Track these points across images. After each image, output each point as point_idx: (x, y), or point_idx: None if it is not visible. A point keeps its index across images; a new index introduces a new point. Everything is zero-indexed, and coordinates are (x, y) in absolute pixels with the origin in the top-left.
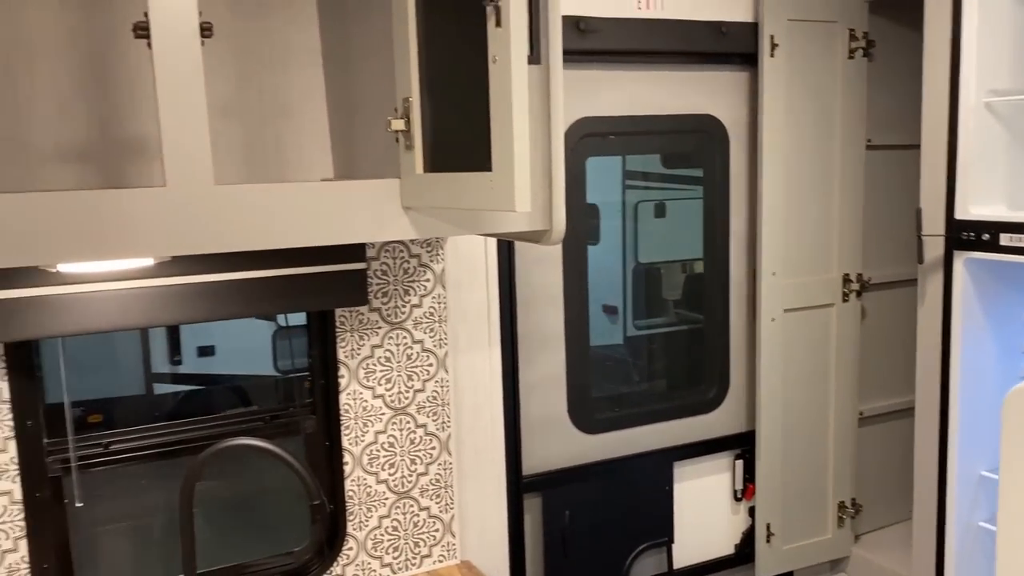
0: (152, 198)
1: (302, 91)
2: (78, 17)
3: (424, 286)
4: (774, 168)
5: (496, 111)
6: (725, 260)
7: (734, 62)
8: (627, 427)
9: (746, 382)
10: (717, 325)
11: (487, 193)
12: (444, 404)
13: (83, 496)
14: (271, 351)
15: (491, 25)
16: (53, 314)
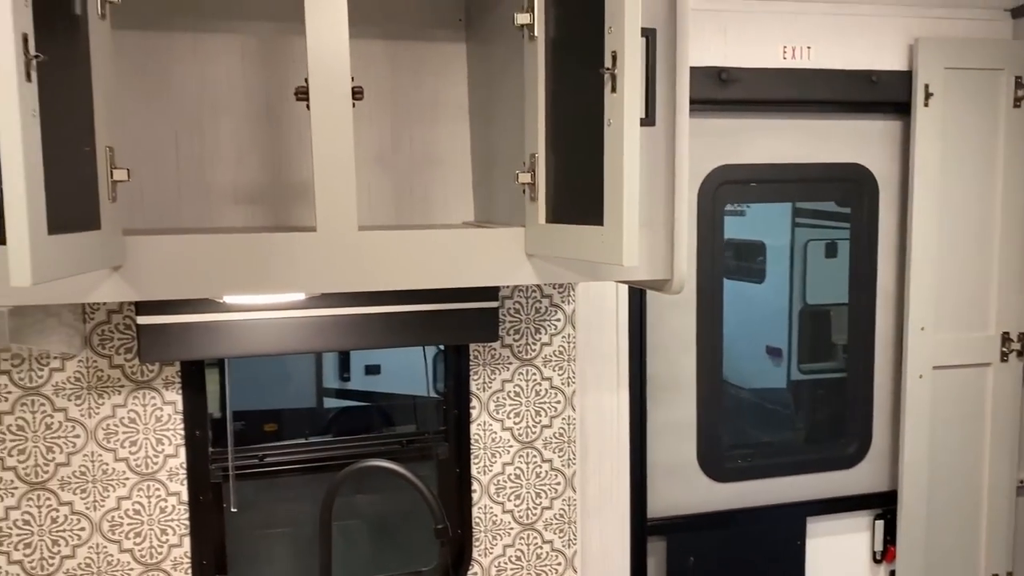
0: (305, 241)
1: (449, 142)
2: (256, 77)
3: (555, 325)
4: (926, 219)
5: (609, 170)
6: (871, 310)
7: (885, 111)
8: (760, 477)
9: (890, 439)
10: (861, 377)
11: (599, 246)
12: (570, 441)
13: (238, 502)
14: (431, 373)
15: (607, 91)
16: (220, 338)
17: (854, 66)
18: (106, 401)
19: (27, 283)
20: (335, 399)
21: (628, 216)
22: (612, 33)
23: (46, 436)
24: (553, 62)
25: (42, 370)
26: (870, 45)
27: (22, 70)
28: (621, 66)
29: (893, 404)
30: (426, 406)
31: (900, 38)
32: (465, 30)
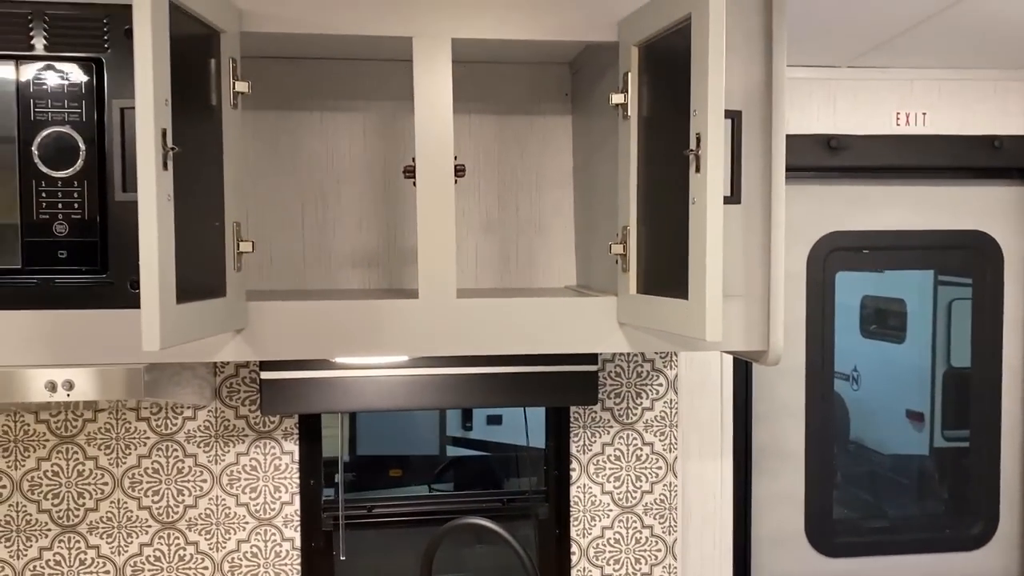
0: (408, 308)
1: (552, 208)
2: (375, 150)
3: (656, 390)
4: None
5: (693, 247)
6: (997, 380)
7: (1011, 176)
8: (873, 554)
9: (1018, 520)
10: (985, 452)
11: (684, 319)
12: (672, 508)
13: (347, 550)
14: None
15: (692, 171)
16: (334, 394)
17: (974, 131)
18: (231, 449)
19: (156, 348)
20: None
21: (711, 292)
22: (696, 116)
23: (177, 480)
24: (644, 140)
25: (176, 418)
26: (993, 109)
27: (160, 161)
28: (704, 148)
29: (1021, 481)
30: (536, 459)
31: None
32: (571, 103)
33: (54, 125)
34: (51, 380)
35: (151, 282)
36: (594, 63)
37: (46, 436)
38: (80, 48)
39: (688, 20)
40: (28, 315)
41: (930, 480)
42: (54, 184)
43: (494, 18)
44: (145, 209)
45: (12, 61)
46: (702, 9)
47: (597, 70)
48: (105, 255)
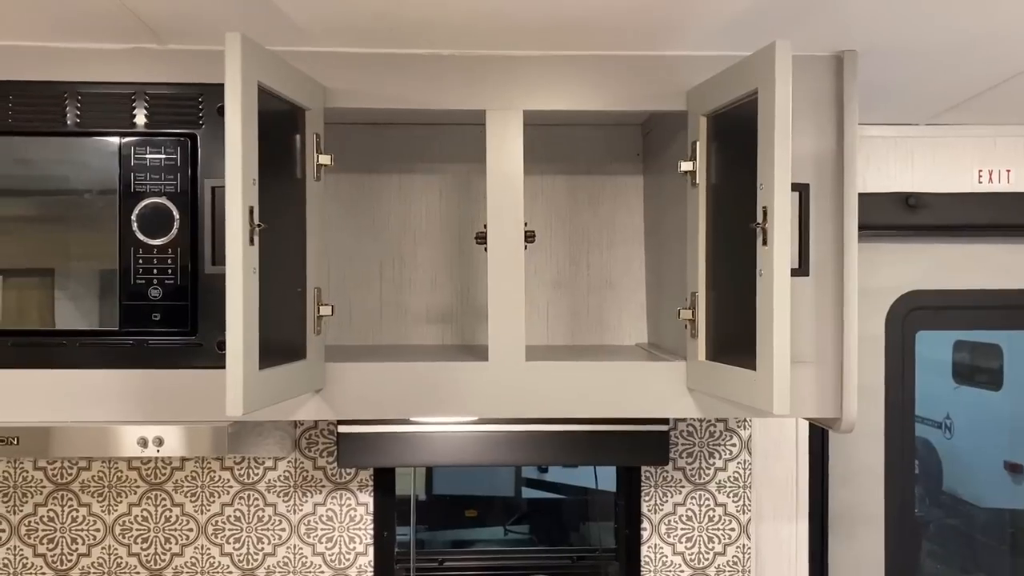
0: (478, 371)
1: (623, 266)
2: (450, 211)
3: (729, 450)
4: None
5: (761, 319)
6: None
7: None
8: None
9: None
10: None
11: (751, 390)
12: (745, 571)
13: None
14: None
15: (759, 243)
16: (408, 448)
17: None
18: (309, 499)
19: (239, 414)
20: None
21: (778, 366)
22: (763, 189)
23: (258, 528)
24: (713, 208)
25: (258, 468)
26: None
27: (247, 237)
28: (771, 222)
29: None
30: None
31: None
32: (643, 163)
33: (152, 196)
34: (143, 436)
35: (236, 351)
36: (664, 126)
37: (137, 483)
38: (177, 124)
39: (755, 94)
40: (123, 374)
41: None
42: (150, 251)
43: (565, 91)
44: (232, 282)
45: (117, 136)
46: (768, 85)
47: (667, 133)
48: (195, 318)
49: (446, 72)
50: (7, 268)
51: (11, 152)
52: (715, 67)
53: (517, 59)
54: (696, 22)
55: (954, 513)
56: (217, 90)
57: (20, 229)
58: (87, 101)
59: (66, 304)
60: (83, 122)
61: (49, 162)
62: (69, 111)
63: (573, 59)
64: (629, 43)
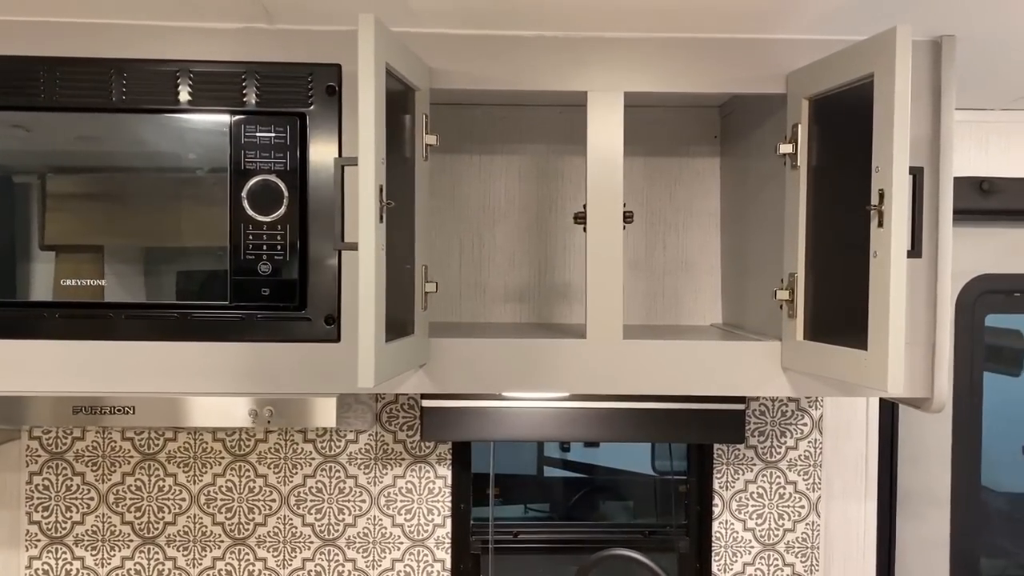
0: (576, 348)
1: (699, 248)
2: (529, 191)
3: (801, 430)
4: None
5: (875, 300)
6: None
7: None
8: None
9: None
10: None
11: (861, 369)
12: (814, 548)
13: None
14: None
15: (873, 225)
16: (489, 423)
17: None
18: (388, 472)
19: (371, 385)
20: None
21: (893, 346)
22: (879, 172)
23: (339, 499)
24: (814, 190)
25: (340, 441)
26: None
27: (377, 215)
28: (889, 204)
29: None
30: (647, 486)
31: None
32: (720, 145)
33: (261, 173)
34: (254, 408)
35: (368, 324)
36: (746, 108)
37: (222, 454)
38: (286, 104)
39: (870, 78)
40: (233, 347)
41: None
42: (260, 227)
43: (666, 72)
44: (365, 258)
45: (228, 114)
46: (887, 69)
47: (749, 115)
48: (304, 293)
49: (550, 53)
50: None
51: (124, 130)
52: (815, 51)
53: (619, 41)
54: (802, 6)
55: (990, 509)
56: (326, 70)
57: (136, 207)
58: (199, 80)
59: (180, 278)
60: (195, 100)
61: (162, 140)
62: (181, 89)
63: (673, 41)
64: (730, 26)
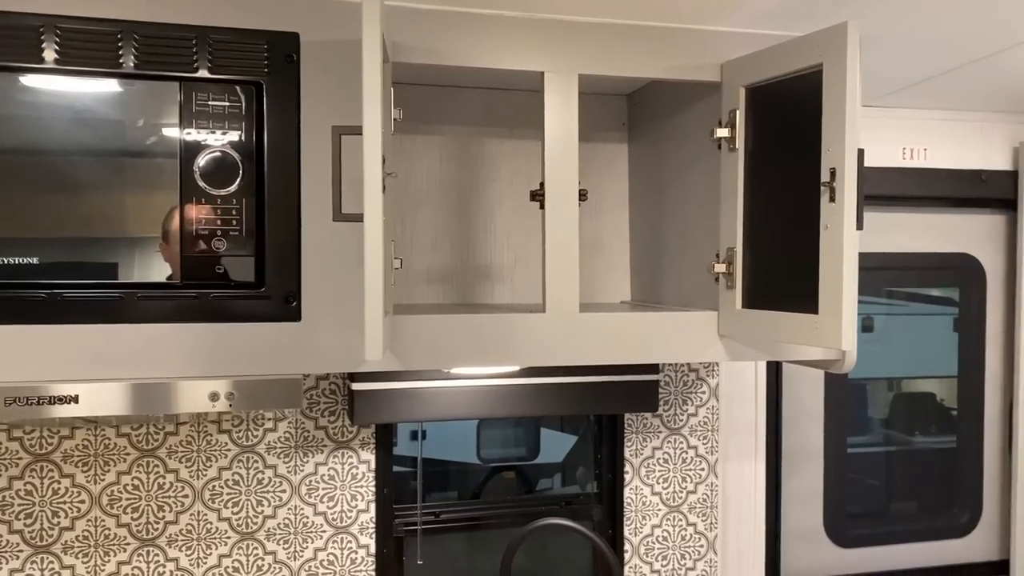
0: (536, 321)
1: (610, 230)
2: (450, 171)
3: (700, 397)
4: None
5: (827, 268)
6: (980, 390)
7: (992, 206)
8: (880, 544)
9: (998, 509)
10: (972, 452)
11: (812, 332)
12: (713, 507)
13: (421, 555)
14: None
15: (824, 200)
16: (418, 404)
17: (966, 166)
18: (310, 459)
19: (379, 358)
20: None
21: (847, 309)
22: (830, 152)
23: (257, 491)
24: (751, 170)
25: (257, 430)
26: (981, 146)
27: (380, 185)
28: (841, 181)
29: (1002, 477)
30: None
31: (1007, 141)
32: (628, 132)
33: (215, 145)
34: (214, 391)
35: (374, 297)
36: (657, 98)
37: (127, 450)
38: (242, 72)
39: (819, 67)
40: (186, 328)
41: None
42: (214, 201)
43: (616, 57)
44: (371, 230)
45: (177, 81)
46: (838, 59)
47: (661, 104)
48: (262, 271)
49: (509, 33)
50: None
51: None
52: (746, 44)
53: (575, 24)
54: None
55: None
56: (284, 38)
57: (76, 180)
58: (145, 42)
59: (125, 256)
60: (140, 65)
61: (104, 107)
62: (124, 52)
63: (625, 27)
64: (675, 16)
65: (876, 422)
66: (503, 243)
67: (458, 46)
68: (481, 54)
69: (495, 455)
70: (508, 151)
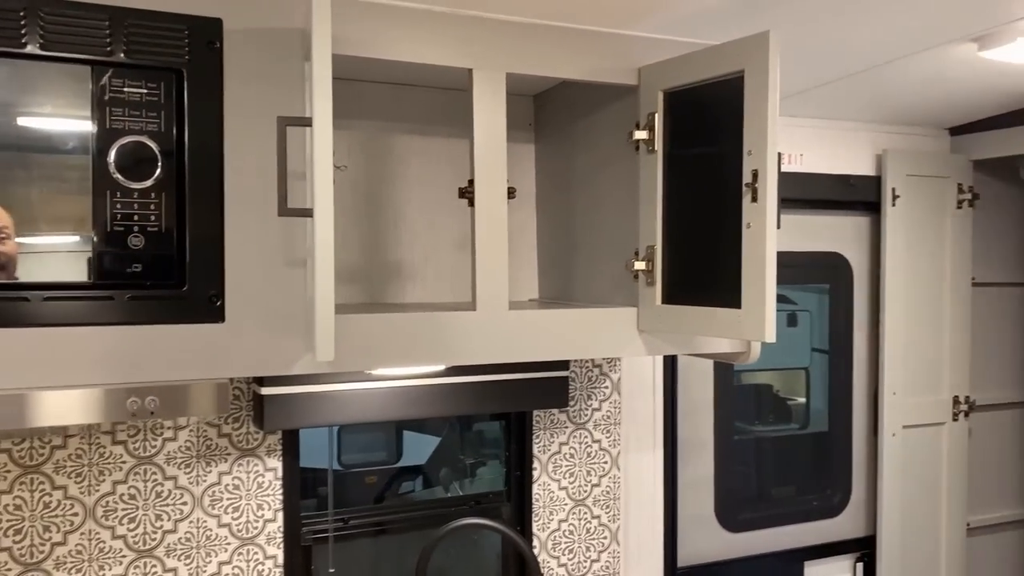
0: (468, 319)
1: (518, 229)
2: (358, 167)
3: (603, 392)
4: (894, 301)
5: (749, 265)
6: (849, 379)
7: (859, 209)
8: (764, 527)
9: (865, 489)
10: (842, 437)
11: (735, 325)
12: (615, 498)
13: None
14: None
15: (747, 200)
16: (329, 407)
17: (837, 171)
18: (213, 469)
19: (332, 358)
20: None
21: (769, 304)
22: (752, 155)
23: (156, 504)
24: (670, 172)
25: (156, 439)
26: (849, 154)
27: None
28: (763, 182)
29: (869, 459)
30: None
31: (871, 149)
32: (535, 132)
33: (132, 134)
34: (135, 399)
35: (325, 296)
36: (564, 100)
37: (7, 467)
38: (161, 58)
39: (740, 74)
40: (101, 331)
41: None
42: (130, 195)
43: (543, 58)
44: (321, 224)
45: (88, 66)
46: (760, 66)
47: (570, 106)
48: (183, 269)
49: (439, 28)
50: None
51: None
52: (662, 49)
53: (504, 23)
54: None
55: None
56: (207, 24)
57: None
58: (51, 21)
59: (30, 255)
60: (47, 46)
61: (5, 91)
62: (29, 31)
63: (550, 29)
64: (596, 20)
65: (751, 413)
66: (413, 240)
67: (384, 39)
68: (410, 48)
69: (356, 460)
70: (417, 147)
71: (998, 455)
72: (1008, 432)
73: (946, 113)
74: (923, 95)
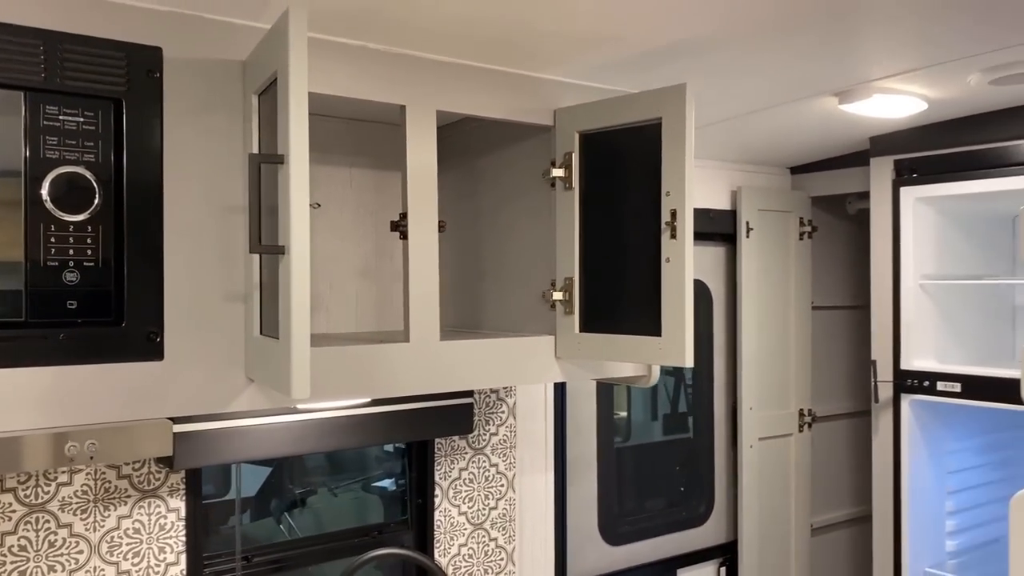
0: (401, 351)
1: None
2: None
3: (500, 417)
4: (749, 323)
5: (668, 296)
6: (710, 396)
7: (717, 240)
8: (640, 539)
9: (727, 498)
10: (705, 450)
11: (656, 352)
12: (511, 520)
13: None
14: None
15: (666, 237)
16: (241, 443)
17: (698, 206)
18: (111, 513)
19: (307, 395)
20: None
21: (688, 331)
22: (671, 196)
23: (49, 555)
24: (585, 208)
25: (49, 485)
26: (708, 190)
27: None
28: (682, 221)
29: (728, 470)
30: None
31: (727, 185)
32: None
33: (67, 164)
34: (73, 443)
35: (301, 333)
36: (466, 135)
37: None
38: (99, 86)
39: (657, 120)
40: (34, 372)
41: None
42: (65, 228)
43: (470, 96)
44: (297, 262)
45: (20, 92)
46: (677, 114)
47: (473, 142)
48: (121, 305)
49: (372, 65)
50: None
51: None
52: (575, 94)
53: (436, 62)
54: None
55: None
56: (146, 52)
57: None
58: None
59: None
60: None
61: None
62: None
63: (475, 70)
64: (518, 63)
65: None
66: (318, 270)
67: (321, 74)
68: (342, 83)
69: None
70: (323, 177)
71: (836, 461)
72: (842, 440)
73: (789, 154)
74: (774, 139)
